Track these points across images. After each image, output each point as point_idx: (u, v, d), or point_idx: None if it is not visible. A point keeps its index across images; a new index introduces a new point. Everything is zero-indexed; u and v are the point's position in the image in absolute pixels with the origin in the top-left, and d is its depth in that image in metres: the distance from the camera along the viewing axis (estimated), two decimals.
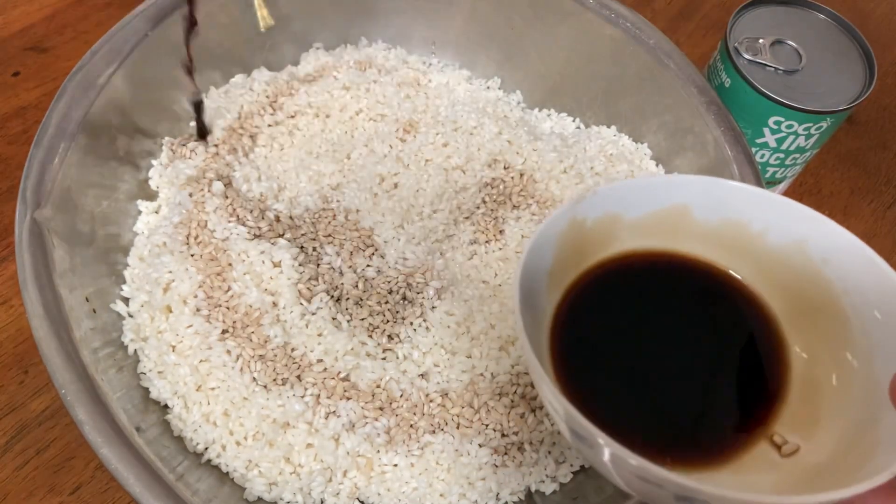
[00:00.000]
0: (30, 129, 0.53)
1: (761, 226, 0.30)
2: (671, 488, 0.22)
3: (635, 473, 0.23)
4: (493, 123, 0.49)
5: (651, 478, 0.22)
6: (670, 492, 0.22)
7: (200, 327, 0.39)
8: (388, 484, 0.38)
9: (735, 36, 0.49)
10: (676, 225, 0.31)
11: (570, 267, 0.31)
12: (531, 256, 0.28)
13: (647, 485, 0.23)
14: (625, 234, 0.31)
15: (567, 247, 0.30)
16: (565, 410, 0.23)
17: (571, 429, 0.24)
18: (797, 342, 0.29)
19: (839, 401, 0.27)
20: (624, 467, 0.23)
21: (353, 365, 0.39)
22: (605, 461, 0.24)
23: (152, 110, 0.47)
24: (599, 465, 0.24)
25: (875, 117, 0.63)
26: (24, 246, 0.37)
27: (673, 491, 0.22)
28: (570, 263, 0.31)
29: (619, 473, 0.24)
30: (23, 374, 0.43)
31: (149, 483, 0.33)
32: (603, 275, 0.31)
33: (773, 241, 0.30)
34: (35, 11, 0.59)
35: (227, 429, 0.38)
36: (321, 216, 0.45)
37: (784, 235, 0.30)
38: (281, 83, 0.50)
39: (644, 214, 0.31)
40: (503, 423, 0.39)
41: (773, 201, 0.30)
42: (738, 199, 0.30)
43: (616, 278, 0.31)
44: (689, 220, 0.31)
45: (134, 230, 0.44)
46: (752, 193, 0.30)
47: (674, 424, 0.28)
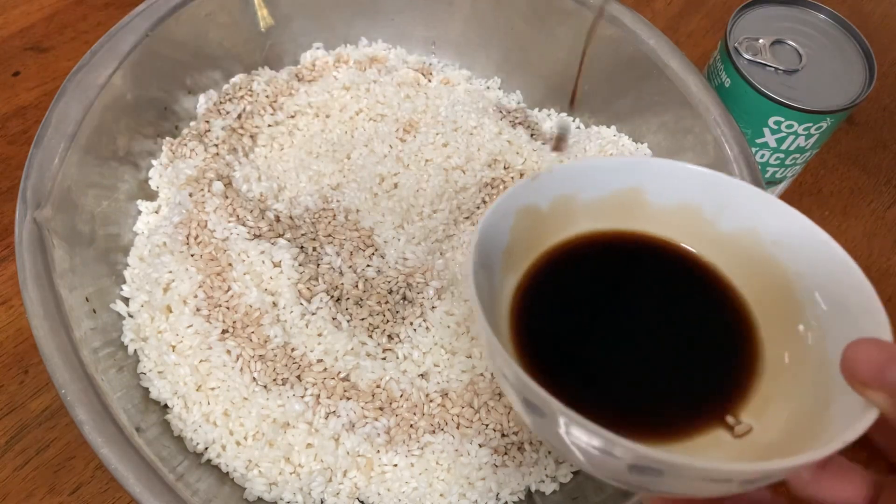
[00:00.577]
0: (30, 129, 0.53)
1: (714, 209, 0.30)
2: (625, 456, 0.21)
3: (589, 443, 0.22)
4: (493, 123, 0.49)
5: (605, 446, 0.21)
6: (624, 461, 0.22)
7: (200, 327, 0.39)
8: (388, 484, 0.38)
9: (735, 36, 0.49)
10: (632, 207, 0.31)
11: (527, 249, 0.31)
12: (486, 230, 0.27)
13: (601, 455, 0.22)
14: (581, 215, 0.31)
15: (523, 228, 0.30)
16: (517, 378, 0.23)
17: (525, 399, 0.23)
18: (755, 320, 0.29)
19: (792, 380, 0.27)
20: (577, 436, 0.22)
21: (353, 365, 0.39)
22: (559, 432, 0.23)
23: (152, 110, 0.47)
24: (553, 436, 0.24)
25: (875, 117, 0.63)
26: (24, 246, 0.37)
27: (627, 460, 0.21)
28: (527, 245, 0.31)
29: (572, 443, 0.23)
30: (23, 373, 0.43)
31: (149, 483, 0.33)
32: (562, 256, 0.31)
33: (725, 224, 0.30)
34: (35, 11, 0.59)
35: (227, 429, 0.38)
36: (321, 216, 0.45)
37: (736, 219, 0.30)
38: (281, 83, 0.50)
39: (600, 196, 0.31)
40: (503, 422, 0.39)
41: (725, 184, 0.30)
42: (691, 182, 0.30)
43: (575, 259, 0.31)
44: (644, 202, 0.31)
45: (134, 230, 0.44)
46: (703, 175, 0.30)
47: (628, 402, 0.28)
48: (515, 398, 0.24)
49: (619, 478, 0.23)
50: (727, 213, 0.30)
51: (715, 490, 0.22)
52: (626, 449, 0.21)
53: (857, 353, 0.20)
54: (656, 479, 0.22)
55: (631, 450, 0.21)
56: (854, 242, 0.56)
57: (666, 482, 0.22)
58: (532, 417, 0.24)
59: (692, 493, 0.23)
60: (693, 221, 0.31)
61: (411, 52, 0.56)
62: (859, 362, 0.20)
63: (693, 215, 0.31)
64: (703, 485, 0.22)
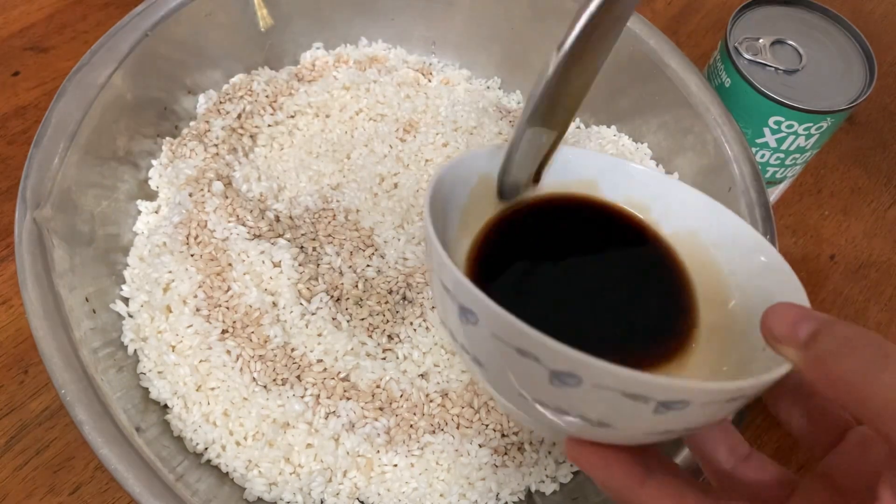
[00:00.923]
0: (29, 129, 0.53)
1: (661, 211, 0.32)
2: (547, 359, 0.21)
3: (517, 344, 0.22)
4: (493, 123, 0.49)
5: (528, 345, 0.21)
6: (546, 368, 0.21)
7: (200, 327, 0.39)
8: (388, 484, 0.38)
9: (735, 36, 0.49)
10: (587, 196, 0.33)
11: (482, 216, 0.31)
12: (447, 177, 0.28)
13: (523, 361, 0.22)
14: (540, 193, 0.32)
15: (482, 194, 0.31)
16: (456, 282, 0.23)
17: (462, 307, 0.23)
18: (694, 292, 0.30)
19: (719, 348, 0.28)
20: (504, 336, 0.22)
21: (352, 365, 0.39)
22: (487, 335, 0.23)
23: (152, 110, 0.47)
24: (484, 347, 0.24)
25: (875, 117, 0.63)
26: (24, 246, 0.37)
27: (549, 364, 0.21)
28: (483, 213, 0.31)
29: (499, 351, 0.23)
30: (22, 374, 0.43)
31: (148, 483, 0.33)
32: (517, 215, 0.32)
33: (669, 226, 0.31)
34: (35, 11, 0.59)
35: (227, 429, 0.38)
36: (321, 216, 0.45)
37: (680, 223, 0.31)
38: (281, 83, 0.50)
39: (558, 181, 0.32)
40: (503, 423, 0.39)
41: (671, 188, 0.31)
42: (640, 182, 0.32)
43: (530, 217, 0.32)
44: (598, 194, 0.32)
45: (134, 230, 0.44)
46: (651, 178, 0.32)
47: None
48: (453, 309, 0.24)
49: (542, 395, 0.23)
50: (672, 217, 0.31)
51: (631, 413, 0.22)
52: (547, 349, 0.21)
53: (773, 312, 0.22)
54: (575, 391, 0.21)
55: (552, 349, 0.21)
56: (854, 242, 0.56)
57: (583, 395, 0.22)
58: (466, 328, 0.24)
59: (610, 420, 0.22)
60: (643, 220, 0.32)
61: (411, 52, 0.56)
62: (775, 320, 0.22)
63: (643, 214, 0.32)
64: (619, 402, 0.21)
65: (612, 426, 0.23)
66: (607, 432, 0.23)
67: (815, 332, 0.21)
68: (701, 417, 0.23)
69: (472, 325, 0.23)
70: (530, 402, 0.24)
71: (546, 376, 0.22)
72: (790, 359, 0.22)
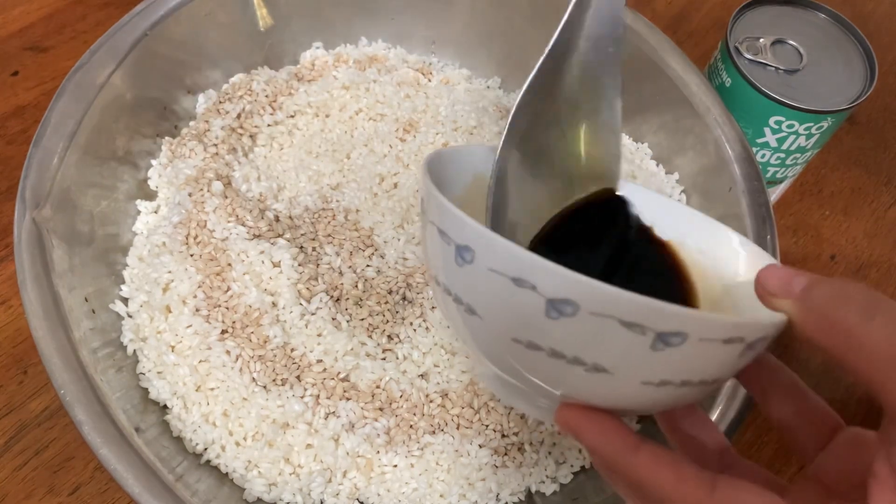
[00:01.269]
0: (29, 129, 0.53)
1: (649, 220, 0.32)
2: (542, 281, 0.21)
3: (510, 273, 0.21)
4: (493, 123, 0.49)
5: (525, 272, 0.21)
6: (542, 294, 0.21)
7: (200, 327, 0.39)
8: (387, 484, 0.38)
9: (735, 36, 0.49)
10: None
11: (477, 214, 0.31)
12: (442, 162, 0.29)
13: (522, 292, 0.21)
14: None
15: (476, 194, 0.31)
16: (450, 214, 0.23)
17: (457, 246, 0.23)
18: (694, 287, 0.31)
19: None
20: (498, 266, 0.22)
21: (352, 365, 0.39)
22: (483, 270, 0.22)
23: (152, 110, 0.47)
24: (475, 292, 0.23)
25: (876, 117, 0.63)
26: (23, 246, 0.37)
27: (547, 293, 0.21)
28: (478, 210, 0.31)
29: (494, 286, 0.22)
30: (22, 374, 0.43)
31: (148, 483, 0.32)
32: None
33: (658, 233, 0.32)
34: (34, 11, 0.59)
35: (227, 429, 0.38)
36: (321, 216, 0.45)
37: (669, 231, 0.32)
38: (280, 83, 0.50)
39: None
40: (503, 423, 0.39)
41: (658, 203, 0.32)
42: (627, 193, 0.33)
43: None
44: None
45: (133, 230, 0.44)
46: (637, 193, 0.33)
47: None
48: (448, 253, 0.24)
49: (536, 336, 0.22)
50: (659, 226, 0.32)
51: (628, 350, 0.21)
52: (546, 271, 0.20)
53: (767, 271, 0.23)
54: (571, 322, 0.21)
55: (550, 271, 0.20)
56: (855, 242, 0.56)
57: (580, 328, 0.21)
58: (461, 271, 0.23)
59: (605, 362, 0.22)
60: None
61: (411, 51, 0.55)
62: (769, 277, 0.23)
63: None
64: (617, 333, 0.21)
65: (608, 370, 0.22)
66: (602, 382, 0.22)
67: (809, 285, 0.22)
68: (699, 361, 0.22)
69: (469, 265, 0.23)
70: (524, 351, 0.23)
71: (542, 307, 0.21)
72: (786, 311, 0.22)
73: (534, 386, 0.25)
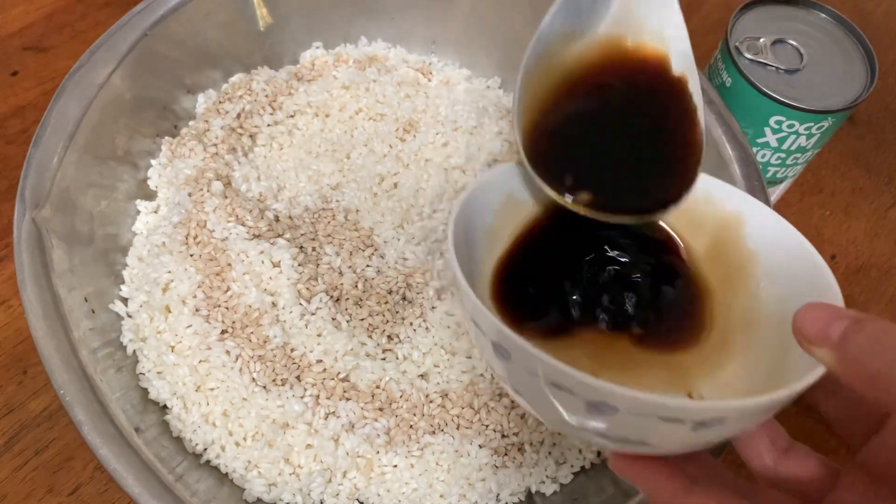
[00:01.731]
0: (28, 129, 0.53)
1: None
2: (581, 392, 0.22)
3: (551, 379, 0.23)
4: (494, 123, 0.49)
5: (561, 380, 0.22)
6: (582, 398, 0.22)
7: (200, 327, 0.39)
8: (387, 485, 0.38)
9: (736, 35, 0.49)
10: None
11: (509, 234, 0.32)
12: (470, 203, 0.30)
13: (562, 394, 0.23)
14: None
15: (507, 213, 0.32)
16: (485, 320, 0.24)
17: (494, 343, 0.24)
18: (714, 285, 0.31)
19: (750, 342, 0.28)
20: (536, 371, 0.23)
21: (352, 365, 0.39)
22: (521, 370, 0.24)
23: (151, 110, 0.46)
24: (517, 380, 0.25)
25: (876, 117, 0.63)
26: (23, 246, 0.37)
27: (584, 396, 0.22)
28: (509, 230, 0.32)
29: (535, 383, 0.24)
30: (21, 374, 0.43)
31: (148, 483, 0.32)
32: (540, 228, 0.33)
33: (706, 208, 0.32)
34: (34, 11, 0.59)
35: (227, 429, 0.38)
36: (321, 216, 0.45)
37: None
38: (280, 82, 0.50)
39: None
40: (503, 423, 0.39)
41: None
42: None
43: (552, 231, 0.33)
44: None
45: (133, 230, 0.44)
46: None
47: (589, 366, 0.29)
48: (487, 345, 0.25)
49: (581, 422, 0.24)
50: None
51: (668, 433, 0.22)
52: (581, 384, 0.21)
53: (805, 313, 0.22)
54: (612, 418, 0.22)
55: (586, 384, 0.21)
56: (856, 242, 0.56)
57: (621, 421, 0.22)
58: (501, 362, 0.25)
59: (650, 440, 0.23)
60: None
61: (411, 51, 0.55)
62: (807, 321, 0.22)
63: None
64: (655, 425, 0.22)
65: (652, 444, 0.23)
66: (648, 449, 0.24)
67: (847, 332, 0.21)
68: (738, 428, 0.23)
69: (506, 361, 0.24)
70: (572, 426, 0.25)
71: (583, 406, 0.22)
72: (824, 361, 0.22)
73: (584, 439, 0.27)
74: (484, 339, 0.25)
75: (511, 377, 0.25)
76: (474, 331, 0.26)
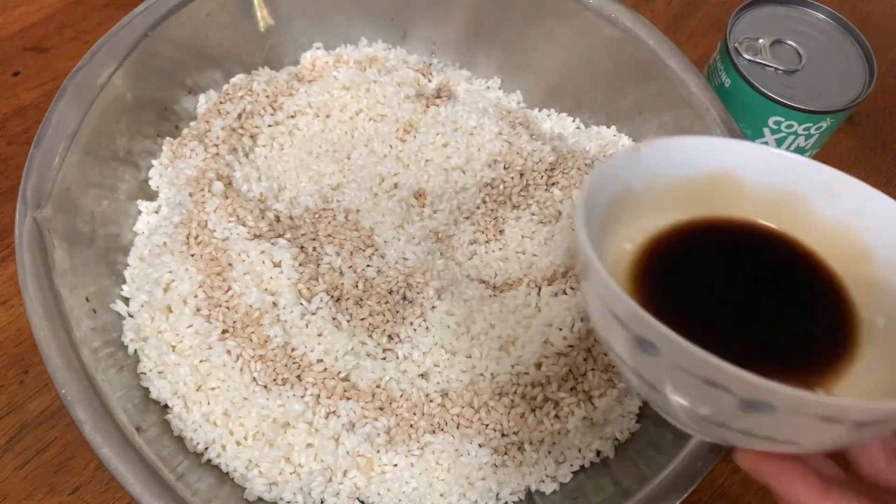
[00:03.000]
0: (30, 129, 0.53)
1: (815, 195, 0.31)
2: (739, 389, 0.21)
3: (702, 374, 0.22)
4: (493, 123, 0.49)
5: (720, 378, 0.21)
6: (738, 396, 0.21)
7: (200, 327, 0.39)
8: (388, 484, 0.38)
9: (735, 36, 0.49)
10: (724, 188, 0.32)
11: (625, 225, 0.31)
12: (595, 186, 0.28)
13: (712, 391, 0.22)
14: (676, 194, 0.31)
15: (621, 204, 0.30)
16: (629, 310, 0.23)
17: (638, 337, 0.23)
18: (852, 299, 0.30)
19: (888, 352, 0.28)
20: (690, 367, 0.22)
21: (353, 365, 0.39)
22: (669, 366, 0.23)
23: (152, 110, 0.47)
24: (661, 375, 0.24)
25: (875, 117, 0.63)
26: (24, 246, 0.37)
27: (741, 393, 0.21)
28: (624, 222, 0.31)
29: (680, 382, 0.23)
30: (23, 373, 0.43)
31: (149, 483, 0.33)
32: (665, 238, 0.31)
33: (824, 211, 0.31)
34: (35, 11, 0.59)
35: (228, 429, 0.38)
36: (321, 216, 0.45)
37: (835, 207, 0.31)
38: (281, 83, 0.50)
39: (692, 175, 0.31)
40: (503, 422, 0.39)
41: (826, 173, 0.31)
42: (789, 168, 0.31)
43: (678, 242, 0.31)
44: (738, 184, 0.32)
45: (134, 230, 0.44)
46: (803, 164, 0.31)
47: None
48: (625, 338, 0.24)
49: (726, 419, 0.23)
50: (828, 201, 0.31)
51: (822, 433, 0.22)
52: (742, 382, 0.21)
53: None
54: (766, 417, 0.22)
55: (746, 381, 0.21)
56: None
57: (775, 420, 0.22)
58: (641, 356, 0.24)
59: (799, 440, 0.23)
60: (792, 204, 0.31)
61: (411, 52, 0.56)
62: None
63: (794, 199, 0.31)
64: (812, 425, 0.21)
65: (798, 443, 0.23)
66: (790, 448, 0.24)
67: None
68: (887, 431, 0.23)
69: (650, 356, 0.23)
70: (711, 426, 0.24)
71: (735, 404, 0.22)
72: None
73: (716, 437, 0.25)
74: (622, 331, 0.24)
75: (650, 372, 0.24)
76: (608, 321, 0.24)
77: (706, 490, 0.44)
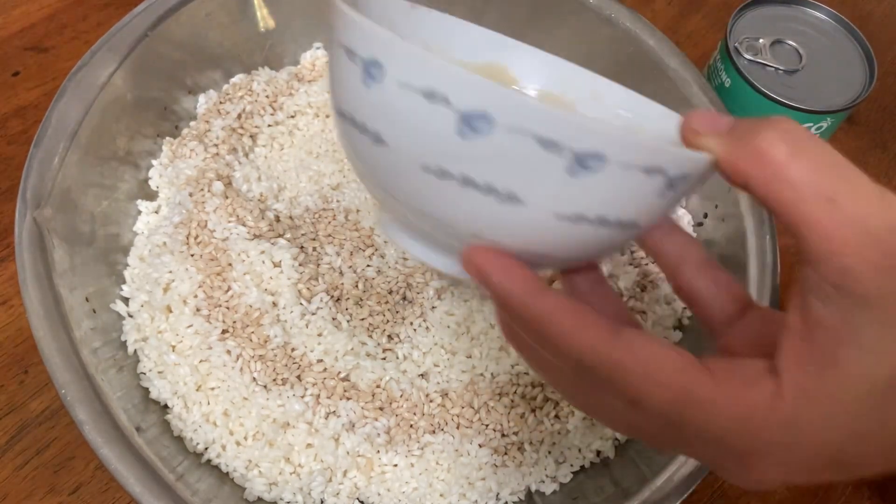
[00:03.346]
0: (30, 129, 0.53)
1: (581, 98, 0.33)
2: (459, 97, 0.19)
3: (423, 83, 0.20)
4: None
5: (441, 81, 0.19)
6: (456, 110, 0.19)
7: (200, 327, 0.39)
8: (388, 484, 0.38)
9: (735, 36, 0.49)
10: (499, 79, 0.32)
11: None
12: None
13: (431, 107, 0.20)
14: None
15: None
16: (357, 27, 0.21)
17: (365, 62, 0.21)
18: None
19: None
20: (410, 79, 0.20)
21: (353, 365, 0.39)
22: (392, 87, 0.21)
23: (152, 110, 0.47)
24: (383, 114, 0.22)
25: (875, 117, 0.63)
26: (24, 246, 0.37)
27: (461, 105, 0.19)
28: None
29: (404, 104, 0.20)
30: (23, 374, 0.43)
31: (149, 483, 0.33)
32: None
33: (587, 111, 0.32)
34: (35, 11, 0.59)
35: (227, 429, 0.38)
36: (321, 216, 0.45)
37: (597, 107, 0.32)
38: (281, 83, 0.50)
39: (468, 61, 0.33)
40: (503, 422, 0.39)
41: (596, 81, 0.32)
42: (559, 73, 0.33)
43: None
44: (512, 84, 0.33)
45: (134, 230, 0.44)
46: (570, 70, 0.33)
47: None
48: (355, 74, 0.22)
49: (447, 160, 0.21)
50: (593, 103, 0.31)
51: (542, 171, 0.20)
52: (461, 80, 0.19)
53: (693, 114, 0.24)
54: (483, 141, 0.20)
55: (465, 79, 0.19)
56: None
57: (493, 148, 0.20)
58: (369, 92, 0.22)
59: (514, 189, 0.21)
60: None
61: None
62: (695, 117, 0.23)
63: (562, 104, 0.31)
64: (532, 153, 0.20)
65: (521, 200, 0.21)
66: (515, 215, 0.21)
67: (735, 123, 0.22)
68: (616, 194, 0.21)
69: (377, 84, 0.21)
70: (434, 181, 0.21)
71: (454, 124, 0.20)
72: (711, 149, 0.22)
73: (441, 226, 0.23)
74: (352, 67, 0.22)
75: (377, 112, 0.22)
76: (342, 64, 0.22)
77: (706, 490, 0.44)
